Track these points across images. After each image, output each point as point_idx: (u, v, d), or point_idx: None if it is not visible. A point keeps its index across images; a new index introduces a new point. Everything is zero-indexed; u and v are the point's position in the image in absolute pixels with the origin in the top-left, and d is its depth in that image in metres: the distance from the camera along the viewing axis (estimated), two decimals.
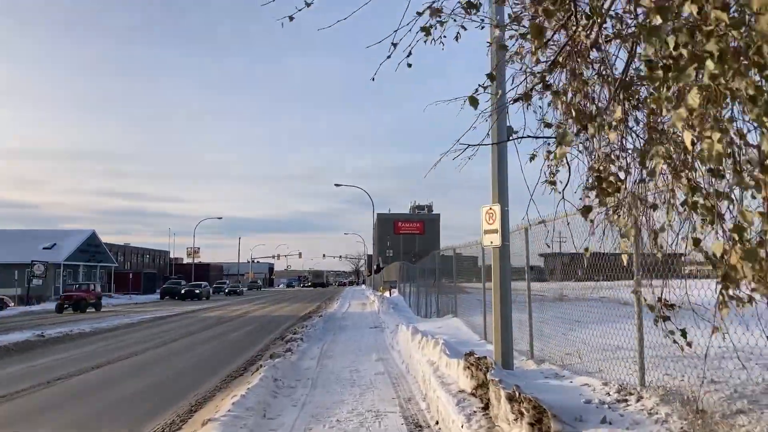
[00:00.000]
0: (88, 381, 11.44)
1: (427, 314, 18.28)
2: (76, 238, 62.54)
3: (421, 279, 21.27)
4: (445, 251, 15.22)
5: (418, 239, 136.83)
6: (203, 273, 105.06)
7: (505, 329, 7.02)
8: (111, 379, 11.57)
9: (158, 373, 12.22)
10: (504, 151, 7.04)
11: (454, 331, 11.75)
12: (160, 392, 10.14)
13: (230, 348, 16.51)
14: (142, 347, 17.12)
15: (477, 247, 11.20)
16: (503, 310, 6.94)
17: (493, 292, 7.03)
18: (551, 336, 8.74)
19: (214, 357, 14.68)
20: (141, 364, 13.60)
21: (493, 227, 6.98)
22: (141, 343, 18.15)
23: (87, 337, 20.34)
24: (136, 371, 12.58)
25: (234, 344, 17.48)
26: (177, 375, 12.04)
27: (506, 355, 7.08)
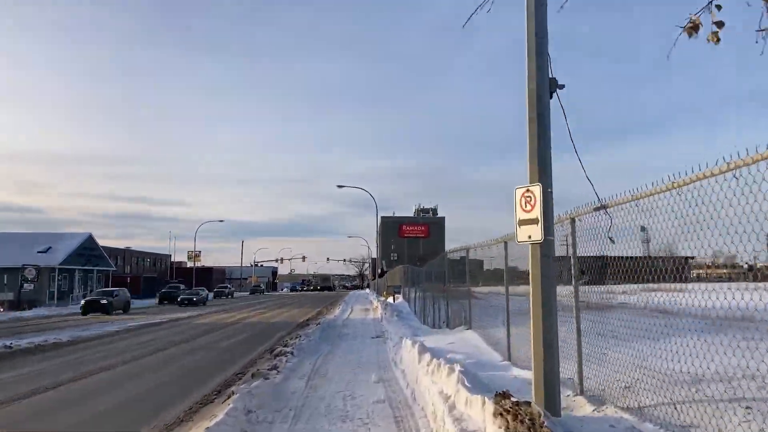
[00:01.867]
0: (31, 406, 9.57)
1: (435, 323, 16.31)
2: (72, 242, 60.72)
3: (427, 284, 19.32)
4: (456, 252, 13.30)
5: (422, 242, 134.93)
6: (205, 277, 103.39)
7: (550, 357, 5.03)
8: (57, 404, 9.69)
9: (119, 396, 10.32)
10: (545, 108, 5.14)
11: (471, 348, 9.77)
12: (108, 423, 8.26)
13: (213, 362, 14.61)
14: (117, 360, 15.27)
15: (497, 247, 9.30)
16: (546, 330, 4.98)
17: (532, 305, 5.10)
18: (591, 356, 6.84)
19: (191, 374, 12.78)
20: (104, 383, 11.72)
21: (532, 215, 5.08)
22: (118, 355, 16.31)
23: (61, 348, 18.49)
24: (94, 393, 10.69)
25: (218, 357, 15.58)
26: (139, 398, 10.14)
27: (551, 394, 5.04)
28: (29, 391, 10.85)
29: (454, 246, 14.83)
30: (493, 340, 9.68)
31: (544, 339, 4.99)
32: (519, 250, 11.00)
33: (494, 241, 9.17)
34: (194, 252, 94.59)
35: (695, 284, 5.10)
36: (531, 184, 5.15)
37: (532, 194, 5.12)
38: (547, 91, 5.23)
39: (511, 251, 10.69)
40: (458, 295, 14.39)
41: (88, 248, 63.11)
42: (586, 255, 5.96)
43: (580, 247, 5.94)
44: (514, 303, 11.32)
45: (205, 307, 51.63)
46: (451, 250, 13.21)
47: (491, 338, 9.87)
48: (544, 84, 5.25)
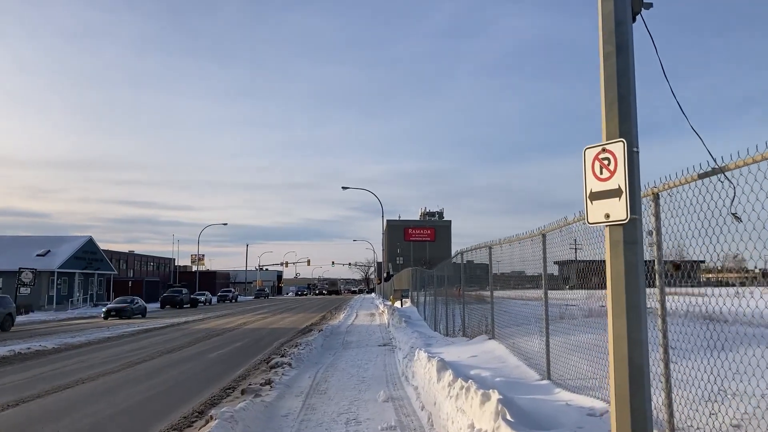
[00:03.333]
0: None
1: (449, 331, 14.76)
2: (71, 245, 59.38)
3: (439, 287, 17.76)
4: (471, 252, 11.72)
5: (429, 246, 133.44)
6: (209, 281, 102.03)
7: (638, 390, 3.35)
8: (14, 425, 8.20)
9: (89, 416, 8.83)
10: (627, 37, 3.60)
11: (497, 363, 8.18)
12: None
13: (202, 374, 13.11)
14: (99, 371, 13.83)
15: (531, 244, 7.76)
16: (633, 349, 3.39)
17: (611, 314, 3.53)
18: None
19: (174, 390, 11.27)
20: (79, 398, 10.25)
21: (610, 185, 3.53)
22: (102, 365, 14.87)
23: (43, 357, 17.04)
24: (61, 411, 9.21)
25: (209, 368, 14.07)
26: (105, 421, 8.63)
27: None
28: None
29: (474, 244, 13.26)
30: (523, 352, 8.12)
31: (630, 362, 3.43)
32: (531, 252, 9.29)
33: (528, 235, 7.62)
34: (197, 255, 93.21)
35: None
36: (609, 142, 3.62)
37: (611, 155, 3.59)
38: (629, 14, 3.73)
39: (522, 252, 8.93)
40: (476, 300, 12.87)
41: (89, 252, 61.76)
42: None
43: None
44: (531, 309, 9.78)
45: (207, 311, 50.21)
46: (469, 248, 11.66)
47: (520, 350, 8.30)
48: (624, 4, 3.72)
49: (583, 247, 6.73)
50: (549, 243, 7.24)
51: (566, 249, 7.02)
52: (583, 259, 6.81)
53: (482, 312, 11.34)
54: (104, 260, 65.84)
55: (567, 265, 8.13)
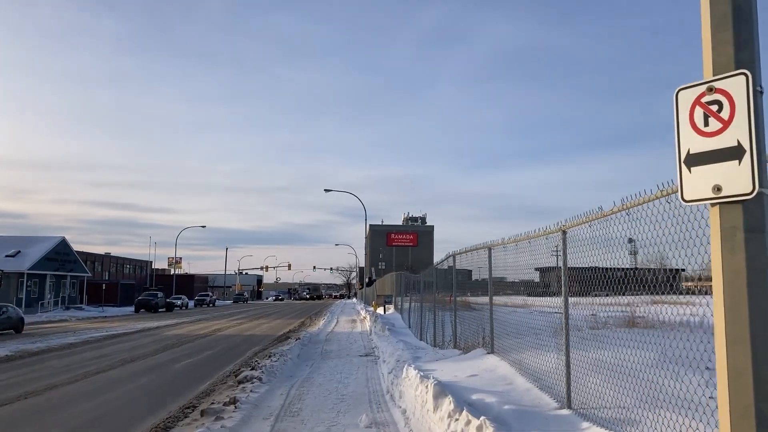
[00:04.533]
0: None
1: (438, 341, 13.46)
2: (42, 246, 57.24)
3: (426, 293, 16.48)
4: (467, 253, 10.39)
5: (411, 251, 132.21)
6: (187, 284, 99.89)
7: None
8: None
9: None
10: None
11: (502, 384, 6.82)
12: None
13: (163, 388, 11.71)
14: (48, 383, 12.39)
15: (546, 242, 6.47)
16: (760, 374, 2.18)
17: (727, 340, 2.27)
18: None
19: (127, 407, 9.87)
20: (11, 419, 8.82)
21: (724, 141, 2.27)
22: (54, 376, 13.45)
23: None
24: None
25: (172, 381, 12.67)
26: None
27: None
28: None
29: (457, 249, 12.02)
30: (532, 371, 6.81)
31: (759, 416, 2.20)
32: (534, 253, 8.37)
33: (543, 232, 6.30)
34: (174, 258, 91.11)
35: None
36: (720, 77, 2.39)
37: (724, 97, 2.32)
38: None
39: (532, 251, 7.89)
40: (464, 307, 11.62)
41: (62, 253, 59.64)
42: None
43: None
44: (531, 319, 8.58)
45: (183, 315, 48.53)
46: (464, 249, 10.35)
47: (528, 369, 6.99)
48: None
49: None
50: (534, 250, 6.10)
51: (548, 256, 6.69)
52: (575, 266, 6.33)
53: (478, 321, 10.07)
54: (78, 262, 63.69)
55: (548, 271, 7.77)
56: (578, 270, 6.03)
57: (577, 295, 6.36)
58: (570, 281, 6.39)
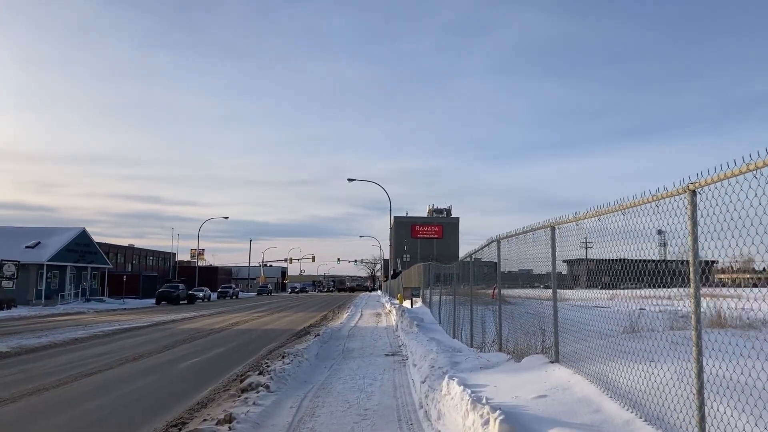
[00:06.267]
0: None
1: (475, 341, 11.53)
2: (62, 237, 56.38)
3: (461, 286, 14.56)
4: (526, 233, 8.29)
5: (436, 243, 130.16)
6: (210, 276, 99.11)
7: None
8: None
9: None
10: None
11: (587, 413, 4.74)
12: None
13: (156, 395, 10.02)
14: (35, 385, 10.94)
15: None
16: None
17: None
18: None
19: (109, 420, 8.19)
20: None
21: None
22: (45, 377, 12.06)
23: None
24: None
25: (170, 386, 10.99)
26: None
27: None
28: None
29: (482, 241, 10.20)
30: (626, 390, 4.89)
31: None
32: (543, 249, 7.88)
33: (652, 197, 4.32)
34: (197, 250, 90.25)
35: None
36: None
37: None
38: None
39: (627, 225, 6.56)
40: (519, 304, 9.69)
41: (82, 244, 58.77)
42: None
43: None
44: (565, 312, 6.76)
45: (203, 308, 47.30)
46: (519, 231, 8.28)
47: (619, 387, 5.00)
48: None
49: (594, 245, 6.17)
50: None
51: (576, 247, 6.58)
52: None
53: (531, 320, 8.15)
54: (98, 253, 62.84)
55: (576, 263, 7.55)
56: (606, 262, 5.91)
57: (608, 287, 6.21)
58: (599, 273, 6.20)
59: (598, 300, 6.77)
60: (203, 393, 10.02)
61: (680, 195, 4.02)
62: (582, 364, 6.08)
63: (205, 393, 10.02)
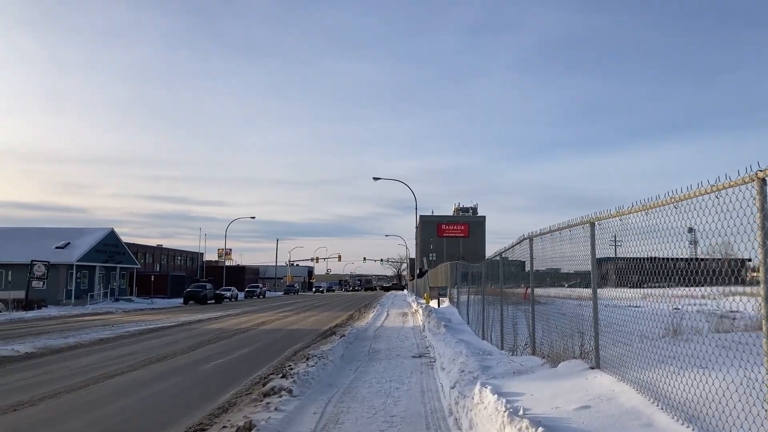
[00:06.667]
0: None
1: (506, 343, 11.05)
2: (91, 237, 56.95)
3: (490, 285, 14.08)
4: (562, 230, 7.74)
5: (462, 242, 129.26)
6: (237, 276, 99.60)
7: None
8: None
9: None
10: None
11: (638, 427, 4.34)
12: None
13: (176, 399, 9.74)
14: (54, 388, 10.73)
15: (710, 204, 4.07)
16: None
17: None
18: None
19: (122, 426, 7.91)
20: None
21: None
22: (66, 379, 11.87)
23: (6, 365, 13.91)
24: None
25: (191, 389, 10.71)
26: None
27: None
28: None
29: (509, 240, 9.78)
30: (680, 401, 4.43)
31: None
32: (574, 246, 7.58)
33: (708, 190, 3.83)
34: (224, 250, 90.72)
35: None
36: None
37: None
38: None
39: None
40: (550, 303, 9.21)
41: (110, 244, 59.33)
42: None
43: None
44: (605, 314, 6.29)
45: (230, 307, 47.36)
46: (554, 227, 7.74)
47: (671, 398, 4.56)
48: None
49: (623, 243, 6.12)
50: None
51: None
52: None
53: (567, 321, 7.66)
54: (127, 254, 63.42)
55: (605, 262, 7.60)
56: (633, 261, 5.85)
57: (636, 286, 6.13)
58: (628, 272, 6.05)
59: (630, 299, 6.44)
60: (225, 396, 9.72)
61: (747, 184, 3.56)
62: (625, 370, 5.59)
63: (226, 396, 9.71)
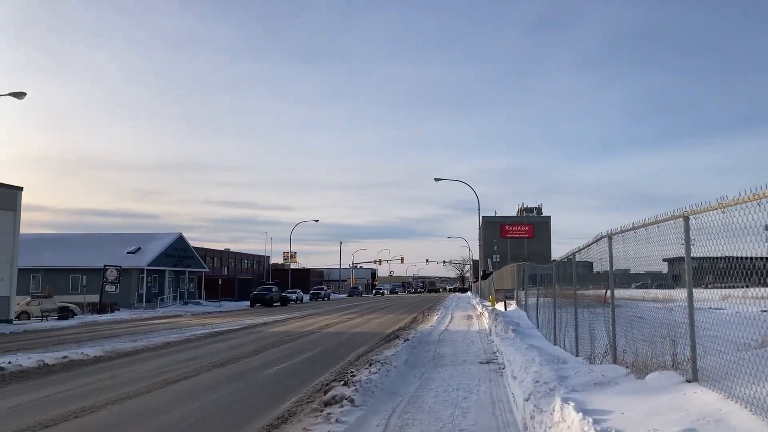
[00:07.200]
0: None
1: (581, 349, 10.32)
2: (161, 242, 58.52)
3: (561, 287, 13.31)
4: (648, 226, 6.86)
5: (527, 243, 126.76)
6: (302, 278, 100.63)
7: None
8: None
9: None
10: None
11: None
12: None
13: (235, 407, 9.47)
14: (117, 394, 10.66)
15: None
16: None
17: None
18: None
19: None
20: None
21: None
22: (130, 384, 11.87)
23: (74, 369, 14.18)
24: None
25: (252, 396, 10.44)
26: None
27: None
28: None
29: (578, 242, 9.14)
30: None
31: None
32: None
33: None
34: (289, 253, 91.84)
35: None
36: None
37: None
38: None
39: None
40: (625, 306, 8.47)
41: (179, 249, 60.80)
42: None
43: None
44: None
45: (295, 310, 47.72)
46: (646, 222, 6.82)
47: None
48: None
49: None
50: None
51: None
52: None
53: (650, 326, 6.92)
54: (195, 257, 64.89)
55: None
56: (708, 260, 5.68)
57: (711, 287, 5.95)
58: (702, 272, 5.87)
59: (706, 301, 5.92)
60: (285, 405, 9.37)
61: None
62: (732, 385, 4.86)
63: (287, 405, 9.37)
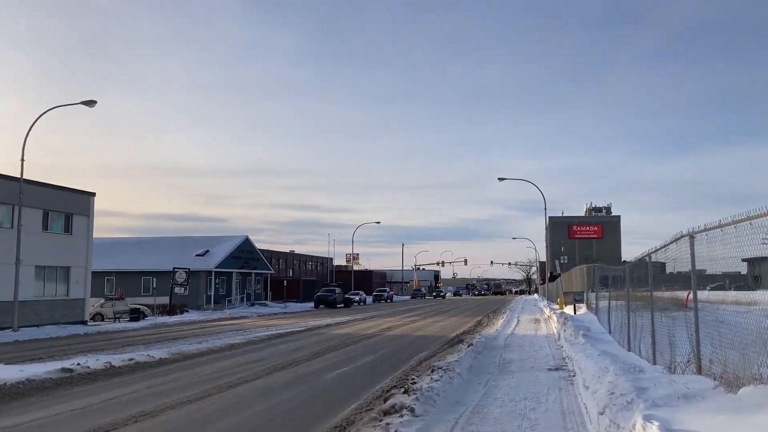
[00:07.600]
0: None
1: (658, 356, 9.55)
2: (228, 245, 59.71)
3: (636, 290, 12.47)
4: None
5: (596, 244, 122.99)
6: (365, 280, 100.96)
7: None
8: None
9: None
10: None
11: None
12: None
13: (292, 414, 9.22)
14: (178, 398, 10.66)
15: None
16: None
17: None
18: None
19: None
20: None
21: None
22: (192, 387, 11.92)
23: (137, 371, 14.32)
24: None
25: (309, 402, 10.17)
26: None
27: None
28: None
29: (635, 249, 8.46)
30: None
31: None
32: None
33: None
34: (352, 254, 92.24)
35: None
36: None
37: None
38: None
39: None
40: (704, 309, 7.71)
41: (245, 251, 61.88)
42: None
43: None
44: None
45: (358, 311, 47.71)
46: (736, 219, 6.16)
47: None
48: None
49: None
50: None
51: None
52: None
53: (744, 333, 6.19)
54: (261, 260, 65.91)
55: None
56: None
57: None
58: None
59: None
60: (344, 413, 9.04)
61: None
62: None
63: (345, 413, 9.03)
